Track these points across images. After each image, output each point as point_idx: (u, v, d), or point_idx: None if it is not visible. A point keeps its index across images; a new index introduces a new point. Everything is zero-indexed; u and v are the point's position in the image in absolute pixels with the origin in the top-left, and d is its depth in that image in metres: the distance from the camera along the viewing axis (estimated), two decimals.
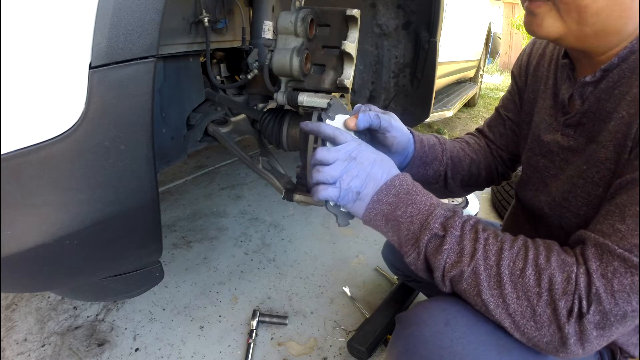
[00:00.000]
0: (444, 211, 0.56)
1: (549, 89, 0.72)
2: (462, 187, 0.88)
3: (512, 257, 0.50)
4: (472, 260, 0.52)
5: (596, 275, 0.45)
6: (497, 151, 0.90)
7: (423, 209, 0.57)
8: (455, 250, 0.53)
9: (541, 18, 0.57)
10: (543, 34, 0.58)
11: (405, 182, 0.60)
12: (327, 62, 0.74)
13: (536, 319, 0.48)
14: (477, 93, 4.37)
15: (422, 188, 0.61)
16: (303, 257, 1.60)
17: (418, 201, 0.58)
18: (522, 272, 0.49)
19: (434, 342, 0.53)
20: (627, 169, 0.51)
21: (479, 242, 0.52)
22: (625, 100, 0.53)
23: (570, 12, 0.54)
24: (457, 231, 0.54)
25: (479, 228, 0.54)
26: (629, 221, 0.46)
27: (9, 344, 1.14)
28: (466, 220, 0.55)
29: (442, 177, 0.84)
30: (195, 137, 1.01)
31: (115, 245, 0.65)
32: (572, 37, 0.56)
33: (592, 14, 0.52)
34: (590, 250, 0.48)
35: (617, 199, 0.49)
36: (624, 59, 0.55)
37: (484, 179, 0.90)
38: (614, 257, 0.45)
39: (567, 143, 0.65)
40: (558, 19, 0.55)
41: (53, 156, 0.51)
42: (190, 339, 1.18)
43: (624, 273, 0.44)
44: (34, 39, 0.47)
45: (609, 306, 0.44)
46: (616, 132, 0.54)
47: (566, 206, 0.63)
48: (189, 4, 0.86)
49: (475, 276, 0.51)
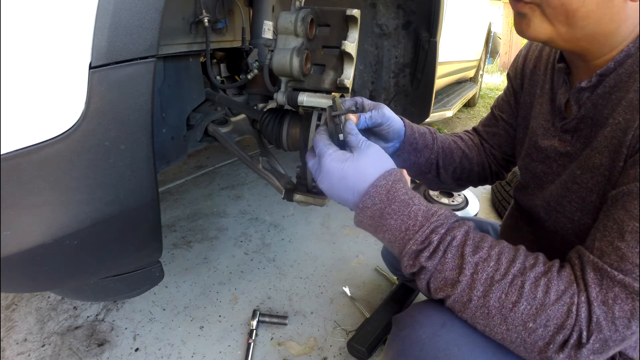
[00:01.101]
0: (416, 246, 0.52)
1: (546, 93, 0.71)
2: (455, 180, 0.88)
3: (503, 289, 0.47)
4: (455, 289, 0.50)
5: (596, 302, 0.44)
6: (490, 150, 0.90)
7: (399, 236, 0.53)
8: (437, 278, 0.51)
9: (528, 19, 0.56)
10: (531, 35, 0.57)
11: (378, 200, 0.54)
12: (327, 62, 0.74)
13: (526, 347, 0.47)
14: (477, 93, 4.37)
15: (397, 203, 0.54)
16: (303, 257, 1.60)
17: (392, 226, 0.54)
18: (514, 306, 0.47)
19: (430, 344, 0.53)
20: (623, 178, 0.49)
21: (463, 271, 0.49)
22: (622, 105, 0.52)
23: (557, 16, 0.52)
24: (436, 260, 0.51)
25: (466, 251, 0.50)
26: (628, 238, 0.45)
27: (9, 344, 1.14)
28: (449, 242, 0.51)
29: (434, 166, 0.84)
30: (195, 137, 1.00)
31: (115, 245, 0.65)
32: (562, 40, 0.55)
33: (581, 18, 0.51)
34: (590, 275, 0.46)
35: (614, 213, 0.48)
36: (621, 63, 0.54)
37: (476, 175, 0.89)
38: (615, 283, 0.44)
39: (565, 149, 0.64)
40: (544, 20, 0.54)
41: (53, 156, 0.51)
42: (190, 339, 1.18)
43: (624, 299, 0.44)
44: (34, 39, 0.47)
45: (609, 333, 0.44)
46: (612, 137, 0.52)
47: (560, 211, 0.62)
48: (189, 4, 0.86)
49: (461, 305, 0.50)
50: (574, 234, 0.54)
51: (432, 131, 0.85)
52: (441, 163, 0.84)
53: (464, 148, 0.88)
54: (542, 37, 0.56)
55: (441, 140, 0.85)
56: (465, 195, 2.04)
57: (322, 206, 0.83)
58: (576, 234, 0.55)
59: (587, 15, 0.51)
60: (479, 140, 0.92)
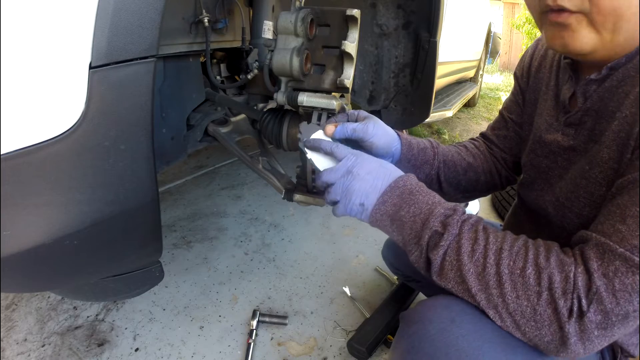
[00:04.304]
0: (444, 210, 0.57)
1: (551, 89, 0.71)
2: (461, 193, 0.88)
3: (511, 257, 0.51)
4: (471, 259, 0.52)
5: (597, 274, 0.45)
6: (500, 154, 0.89)
7: (425, 208, 0.58)
8: (453, 248, 0.54)
9: (572, 30, 0.53)
10: (576, 48, 0.54)
11: (409, 182, 0.61)
12: (327, 62, 0.74)
13: (536, 319, 0.48)
14: (477, 93, 4.37)
15: (425, 187, 0.61)
16: (303, 257, 1.60)
17: (420, 200, 0.58)
18: (522, 271, 0.49)
19: (440, 339, 0.53)
20: (629, 168, 0.50)
21: (477, 242, 0.53)
22: (629, 99, 0.53)
23: (606, 23, 0.50)
24: (455, 229, 0.54)
25: (479, 228, 0.55)
26: (629, 221, 0.46)
27: (9, 344, 1.14)
28: (466, 219, 0.56)
29: (434, 181, 0.84)
30: (195, 137, 1.00)
31: (115, 245, 0.65)
32: (605, 49, 0.53)
33: (626, 20, 0.50)
34: (592, 250, 0.48)
35: (618, 199, 0.49)
36: (631, 59, 0.54)
37: (483, 184, 0.89)
38: (616, 257, 0.45)
39: (568, 143, 0.64)
40: (592, 30, 0.52)
41: (53, 156, 0.51)
42: (190, 339, 1.18)
43: (625, 272, 0.44)
44: (34, 39, 0.47)
45: (610, 305, 0.44)
46: (619, 131, 0.53)
47: (569, 206, 0.63)
48: (189, 4, 0.86)
49: (476, 276, 0.52)
50: (581, 230, 0.54)
51: (434, 145, 0.84)
52: (442, 178, 0.84)
53: (468, 159, 0.87)
54: (588, 48, 0.54)
55: (443, 154, 0.84)
56: None
57: (322, 206, 0.83)
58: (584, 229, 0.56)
59: (631, 17, 0.50)
60: (486, 147, 0.91)
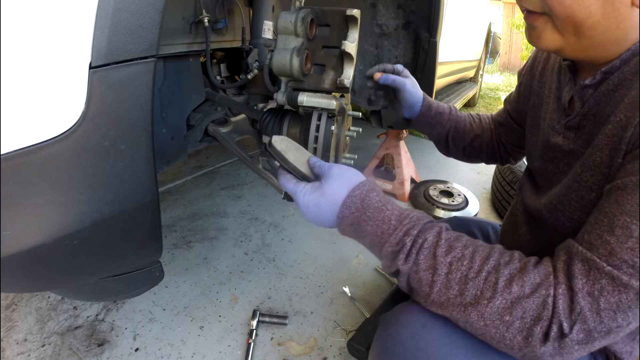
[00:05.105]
0: (391, 248, 0.54)
1: (553, 92, 0.71)
2: (465, 156, 1.03)
3: (478, 286, 0.48)
4: (431, 289, 0.51)
5: (582, 294, 0.44)
6: (498, 137, 0.99)
7: (375, 240, 0.56)
8: (414, 278, 0.53)
9: (539, 31, 0.57)
10: (542, 46, 0.59)
11: (354, 209, 0.57)
12: (327, 62, 0.74)
13: (506, 343, 0.47)
14: (477, 93, 4.37)
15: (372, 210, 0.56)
16: (303, 257, 1.60)
17: (369, 232, 0.56)
18: (489, 302, 0.47)
19: (411, 343, 0.55)
20: (619, 173, 0.49)
21: (437, 272, 0.51)
22: (624, 102, 0.52)
23: (566, 27, 0.54)
24: (410, 262, 0.53)
25: (438, 252, 0.51)
26: (617, 232, 0.44)
27: (9, 344, 1.14)
28: (419, 248, 0.52)
29: (443, 139, 1.00)
30: (195, 137, 1.00)
31: (115, 245, 0.65)
32: (571, 50, 0.57)
33: (588, 28, 0.52)
34: (577, 266, 0.46)
35: (606, 206, 0.48)
36: (626, 62, 0.54)
37: (485, 155, 1.01)
38: (602, 275, 0.44)
39: (568, 147, 0.64)
40: (555, 32, 0.56)
41: (53, 156, 0.51)
42: (190, 339, 1.18)
43: (611, 291, 0.43)
44: (34, 39, 0.47)
45: (593, 324, 0.44)
46: (612, 135, 0.52)
47: (561, 209, 0.62)
48: (189, 4, 0.86)
49: (439, 305, 0.51)
50: (573, 233, 0.54)
51: (452, 112, 0.99)
52: (451, 140, 0.99)
53: (477, 130, 0.99)
54: (553, 47, 0.58)
55: (456, 121, 0.98)
56: (465, 195, 2.04)
57: None
58: (575, 233, 0.55)
59: (594, 25, 0.51)
60: (495, 126, 1.00)
